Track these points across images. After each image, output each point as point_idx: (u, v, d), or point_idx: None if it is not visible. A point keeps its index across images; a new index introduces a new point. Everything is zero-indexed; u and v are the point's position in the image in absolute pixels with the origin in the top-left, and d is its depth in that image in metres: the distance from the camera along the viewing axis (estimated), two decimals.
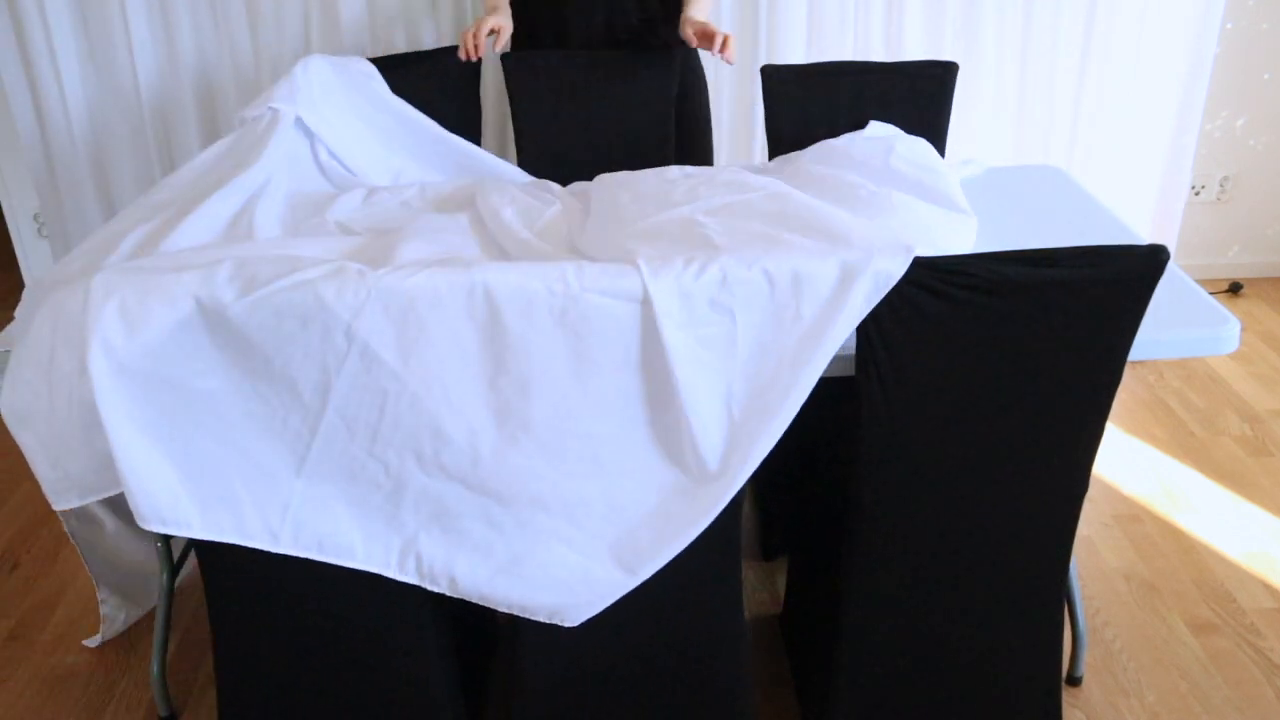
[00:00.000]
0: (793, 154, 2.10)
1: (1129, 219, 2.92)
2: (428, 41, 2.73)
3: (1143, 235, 1.90)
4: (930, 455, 1.44)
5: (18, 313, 1.63)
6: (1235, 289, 3.38)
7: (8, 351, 1.56)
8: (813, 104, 2.41)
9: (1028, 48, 2.88)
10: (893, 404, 1.39)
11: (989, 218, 1.94)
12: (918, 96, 2.34)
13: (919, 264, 1.31)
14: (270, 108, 2.18)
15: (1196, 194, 3.32)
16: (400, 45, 2.74)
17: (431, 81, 2.53)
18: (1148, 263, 1.31)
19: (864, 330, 1.35)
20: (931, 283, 1.31)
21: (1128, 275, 1.32)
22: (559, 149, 2.55)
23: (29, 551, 2.41)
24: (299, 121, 2.18)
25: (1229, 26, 3.08)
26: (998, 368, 1.37)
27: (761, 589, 2.17)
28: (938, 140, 2.34)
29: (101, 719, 1.95)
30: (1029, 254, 1.32)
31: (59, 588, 2.29)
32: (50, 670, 2.06)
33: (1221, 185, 3.32)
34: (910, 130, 2.17)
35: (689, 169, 1.97)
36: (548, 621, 1.42)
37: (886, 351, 1.36)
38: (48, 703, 1.99)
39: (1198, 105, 3.01)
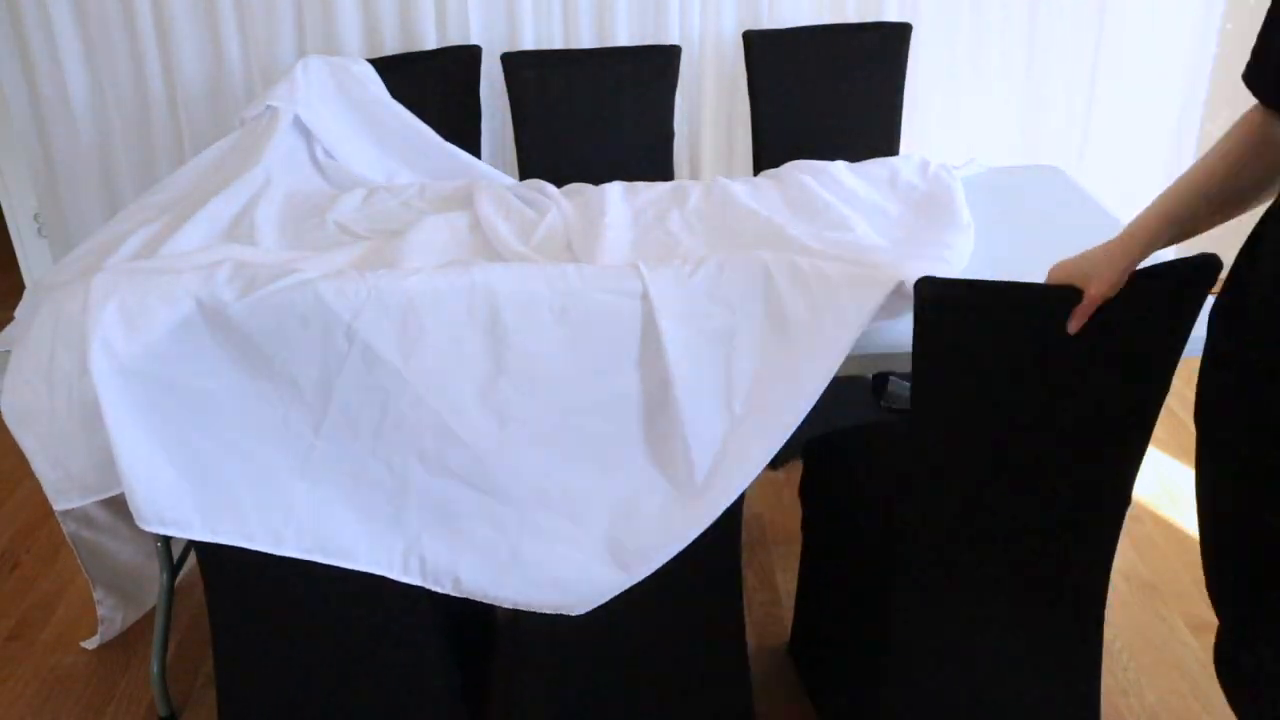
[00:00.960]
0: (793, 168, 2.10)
1: (1130, 219, 2.93)
2: (429, 42, 2.73)
3: None
4: (980, 483, 1.41)
5: (18, 313, 1.64)
6: None
7: (8, 351, 1.56)
8: (792, 65, 2.55)
9: (1030, 49, 2.87)
10: (945, 432, 1.36)
11: (990, 219, 1.94)
12: (881, 54, 2.56)
13: (975, 287, 1.28)
14: (269, 106, 2.19)
15: None
16: (398, 46, 2.74)
17: (431, 82, 2.53)
18: (1200, 273, 1.29)
19: (920, 353, 1.31)
20: (988, 305, 1.28)
21: (1180, 287, 1.29)
22: (559, 149, 2.55)
23: (29, 551, 2.41)
24: (296, 120, 2.19)
25: (1228, 28, 3.08)
26: (1051, 390, 1.34)
27: (761, 589, 2.17)
28: (895, 94, 2.60)
29: (101, 719, 1.95)
30: None
31: (59, 587, 2.29)
32: (50, 670, 2.06)
33: None
34: (875, 83, 2.53)
35: (696, 188, 1.98)
36: (552, 613, 1.42)
37: (943, 375, 1.32)
38: (48, 702, 1.98)
39: (1198, 106, 3.01)
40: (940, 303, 1.28)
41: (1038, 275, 1.66)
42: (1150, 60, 2.92)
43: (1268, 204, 1.27)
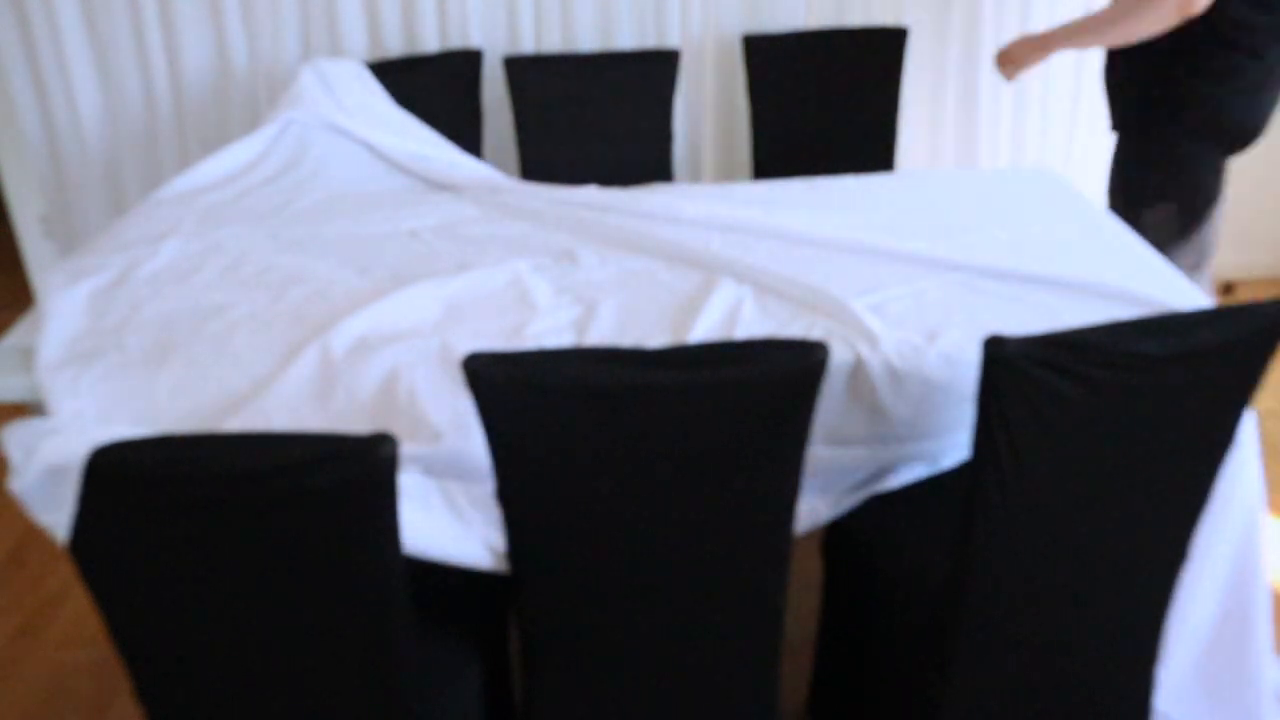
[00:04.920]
0: None
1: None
2: (430, 46, 2.75)
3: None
4: (1044, 545, 1.35)
5: (49, 281, 1.69)
6: (1227, 289, 3.42)
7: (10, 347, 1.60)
8: (791, 69, 2.56)
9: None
10: (1010, 495, 1.29)
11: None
12: (875, 60, 2.58)
13: (1051, 342, 1.20)
14: (291, 120, 2.24)
15: None
16: (400, 50, 2.76)
17: (433, 85, 2.55)
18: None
19: (986, 419, 1.25)
20: (1066, 363, 1.20)
21: (1261, 330, 1.26)
22: (560, 152, 2.57)
23: (37, 547, 2.43)
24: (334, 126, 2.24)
25: None
26: (1122, 446, 1.29)
27: None
28: (891, 101, 2.62)
29: (108, 714, 1.96)
30: (1164, 322, 1.25)
31: (67, 584, 2.31)
32: (58, 665, 2.08)
33: None
34: (873, 88, 2.57)
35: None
36: None
37: (1009, 441, 1.25)
38: (55, 697, 2.00)
39: None
40: (1015, 363, 1.20)
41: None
42: None
43: None
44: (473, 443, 1.36)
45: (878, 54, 2.60)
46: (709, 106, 2.85)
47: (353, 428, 1.38)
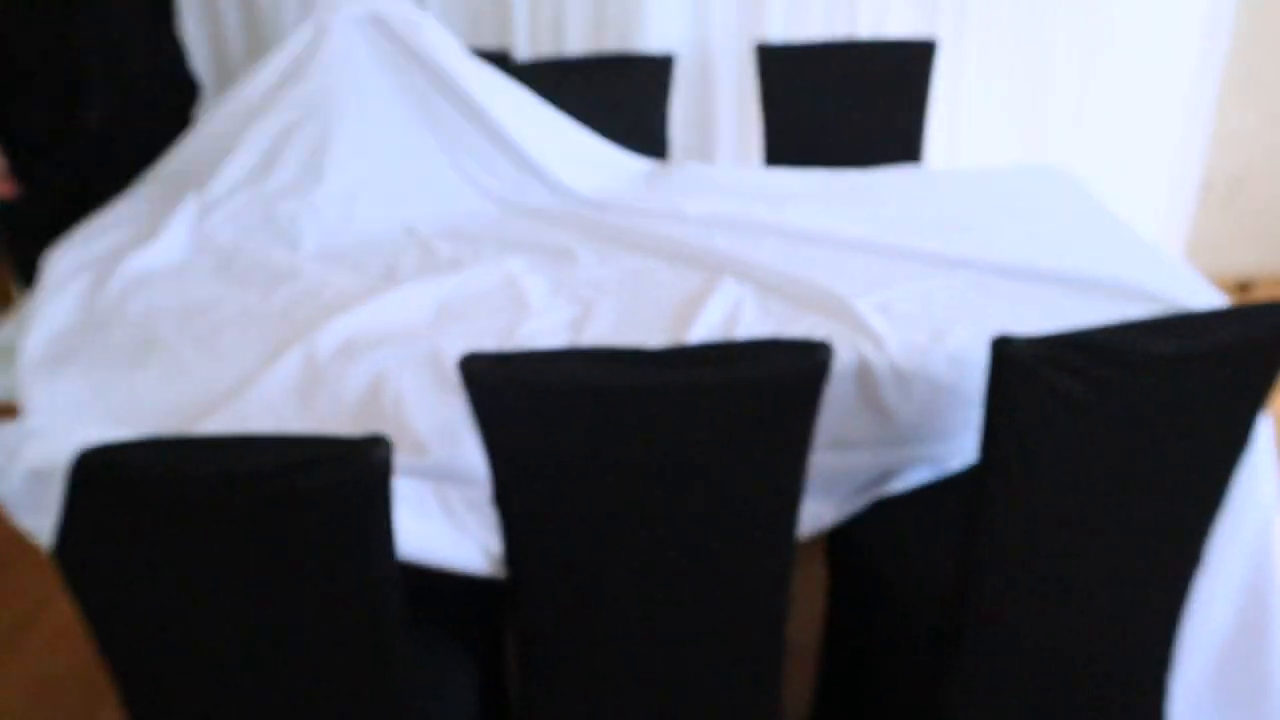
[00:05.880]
0: None
1: (1139, 217, 2.92)
2: None
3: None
4: (1053, 550, 1.34)
5: (38, 272, 1.69)
6: (1244, 287, 3.42)
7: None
8: (807, 81, 2.47)
9: (1034, 41, 2.87)
10: (1018, 499, 1.28)
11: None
12: (900, 73, 2.46)
13: (1060, 342, 1.18)
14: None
15: (1206, 192, 3.32)
16: None
17: None
18: None
19: (993, 421, 1.23)
20: (1076, 363, 1.18)
21: (1278, 330, 1.23)
22: None
23: (22, 552, 2.40)
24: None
25: (1239, 24, 3.08)
26: (1134, 449, 1.27)
27: None
28: (919, 115, 2.48)
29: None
30: (1178, 321, 1.23)
31: (52, 591, 2.28)
32: (44, 672, 2.06)
33: (1230, 184, 3.32)
34: (894, 105, 2.45)
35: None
36: None
37: (1018, 443, 1.23)
38: (41, 703, 1.98)
39: (1208, 104, 3.01)
40: (1023, 364, 1.18)
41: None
42: (1160, 57, 2.92)
43: None
44: (458, 451, 1.33)
45: (899, 69, 2.47)
46: (718, 113, 2.83)
47: (333, 433, 1.36)
